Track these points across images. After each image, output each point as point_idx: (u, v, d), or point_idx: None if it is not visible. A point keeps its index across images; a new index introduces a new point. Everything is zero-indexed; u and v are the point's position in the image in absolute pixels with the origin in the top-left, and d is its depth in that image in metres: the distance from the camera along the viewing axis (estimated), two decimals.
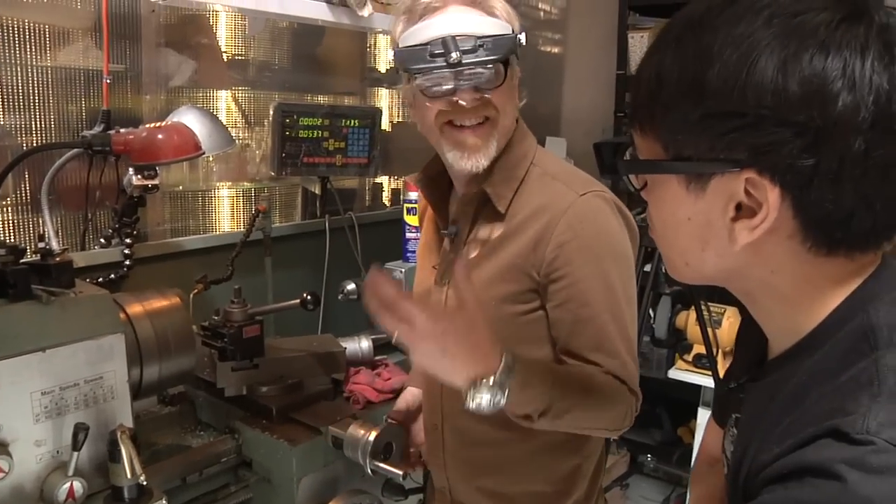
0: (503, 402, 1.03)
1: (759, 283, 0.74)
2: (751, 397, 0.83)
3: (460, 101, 1.25)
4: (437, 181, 1.43)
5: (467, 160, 1.29)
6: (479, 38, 1.22)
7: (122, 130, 1.75)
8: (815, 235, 0.67)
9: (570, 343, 1.29)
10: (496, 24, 1.27)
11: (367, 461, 1.52)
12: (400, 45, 1.28)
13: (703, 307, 2.77)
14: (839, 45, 0.62)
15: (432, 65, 1.22)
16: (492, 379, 1.02)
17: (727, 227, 0.69)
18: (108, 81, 1.86)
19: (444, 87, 1.25)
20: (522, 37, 1.27)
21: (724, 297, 2.97)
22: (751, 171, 0.65)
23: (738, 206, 0.68)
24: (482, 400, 1.02)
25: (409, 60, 1.25)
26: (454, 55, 1.20)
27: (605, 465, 1.51)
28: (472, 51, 1.22)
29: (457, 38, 1.22)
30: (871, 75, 0.62)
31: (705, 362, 2.82)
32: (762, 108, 0.63)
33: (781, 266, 0.71)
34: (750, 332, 0.90)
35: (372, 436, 1.53)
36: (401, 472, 1.51)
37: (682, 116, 0.68)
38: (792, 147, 0.63)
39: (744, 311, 0.96)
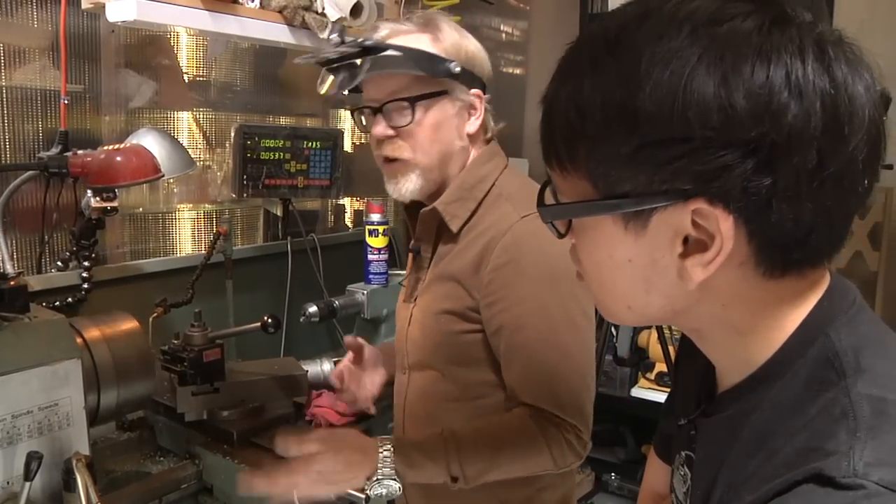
0: (396, 487, 1.18)
1: (708, 318, 0.68)
2: (705, 434, 0.76)
3: (374, 133, 1.34)
4: (416, 202, 1.45)
5: (392, 190, 1.38)
6: (392, 45, 1.28)
7: (79, 152, 1.73)
8: (770, 258, 0.62)
9: (504, 372, 1.30)
10: (433, 49, 1.31)
11: None
12: None
13: (663, 326, 2.80)
14: (778, 51, 0.57)
15: (321, 49, 1.34)
16: (377, 474, 1.17)
17: (675, 266, 0.63)
18: (66, 102, 1.84)
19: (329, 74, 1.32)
20: (452, 65, 1.29)
21: None
22: (699, 200, 0.59)
23: (685, 240, 0.62)
24: (381, 491, 1.18)
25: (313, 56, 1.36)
26: (335, 36, 1.31)
27: (574, 494, 1.51)
28: (355, 41, 1.28)
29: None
30: (814, 79, 0.57)
31: (668, 380, 2.85)
32: (708, 129, 0.57)
33: (733, 297, 0.65)
34: (692, 361, 0.84)
35: None
36: (363, 496, 1.50)
37: (613, 149, 0.61)
38: (744, 169, 0.57)
39: (683, 339, 0.93)
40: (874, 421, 0.58)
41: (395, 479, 1.17)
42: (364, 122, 1.40)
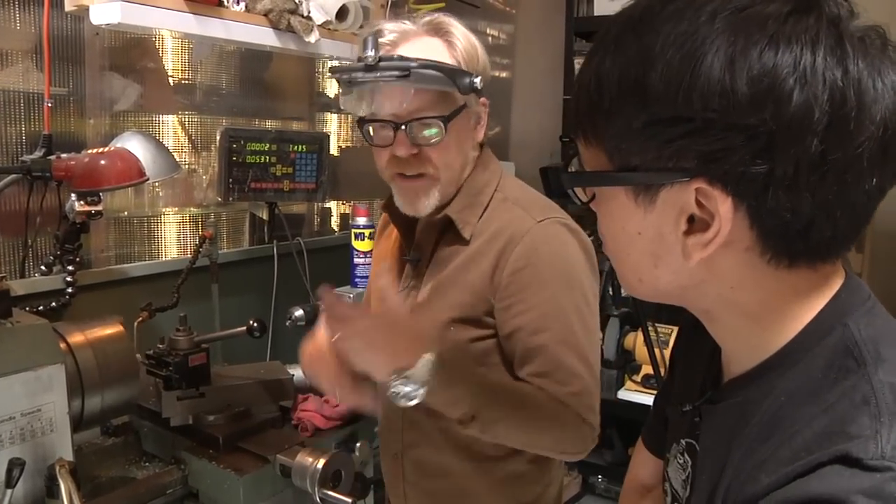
0: (421, 394, 1.03)
1: (718, 299, 0.69)
2: (711, 421, 0.77)
3: (396, 153, 1.26)
4: None
5: (409, 208, 1.33)
6: (417, 60, 1.20)
7: (63, 156, 1.72)
8: (775, 246, 0.63)
9: (520, 372, 1.28)
10: (451, 58, 1.27)
11: (316, 489, 1.51)
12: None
13: (650, 328, 2.81)
14: (789, 39, 0.58)
15: (350, 66, 1.22)
16: (409, 372, 1.02)
17: (680, 242, 0.65)
18: (50, 105, 1.83)
19: (359, 93, 1.21)
20: (478, 80, 1.24)
21: (671, 317, 3.02)
22: (700, 180, 0.61)
23: (691, 219, 0.64)
24: (399, 390, 1.03)
25: (336, 69, 1.25)
26: (370, 53, 1.18)
27: (562, 490, 1.52)
28: (393, 60, 1.19)
29: (394, 57, 1.21)
30: (824, 70, 0.57)
31: (654, 382, 2.86)
32: (709, 111, 0.58)
33: (741, 281, 0.66)
34: (692, 349, 0.86)
35: (320, 463, 1.52)
36: (350, 500, 1.50)
37: (626, 123, 0.63)
38: (743, 153, 0.58)
39: (682, 328, 0.94)
40: None
41: (423, 385, 1.03)
42: (372, 135, 1.30)
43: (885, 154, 0.60)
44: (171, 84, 2.39)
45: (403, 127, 1.24)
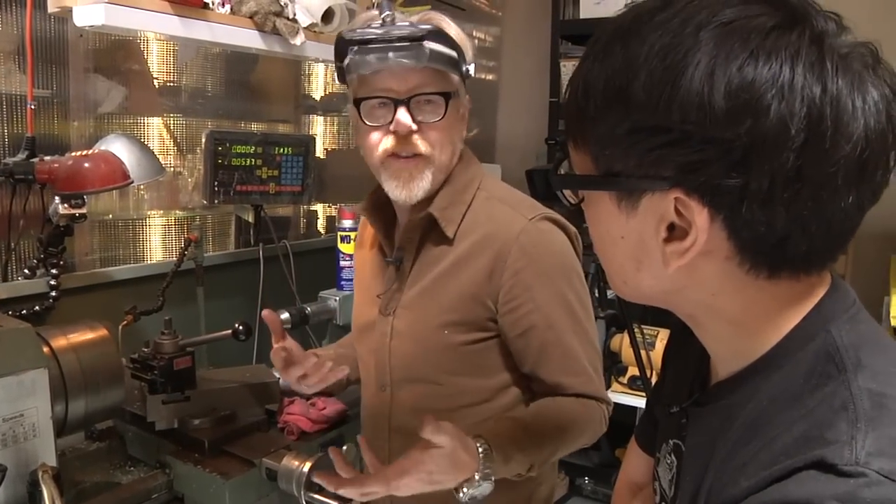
0: (489, 485, 1.11)
1: (700, 305, 0.70)
2: (696, 423, 0.78)
3: (395, 129, 1.26)
4: (383, 209, 1.43)
5: (402, 190, 1.30)
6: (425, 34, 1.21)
7: (46, 158, 1.71)
8: (753, 258, 0.64)
9: (537, 369, 1.32)
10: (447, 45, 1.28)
11: (302, 493, 1.50)
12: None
13: (636, 329, 2.81)
14: (769, 54, 0.58)
15: (364, 28, 1.22)
16: (477, 476, 1.10)
17: (660, 249, 0.66)
18: (33, 107, 1.81)
19: (372, 64, 1.22)
20: (471, 67, 1.28)
21: (657, 319, 3.03)
22: (678, 190, 0.62)
23: (672, 227, 0.64)
24: (475, 493, 1.10)
25: (341, 44, 1.25)
26: (387, 11, 1.20)
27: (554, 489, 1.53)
28: (406, 25, 1.21)
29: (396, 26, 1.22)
30: (803, 87, 0.57)
31: (640, 384, 2.86)
32: (687, 123, 0.59)
33: (722, 289, 0.67)
34: (683, 352, 0.87)
35: (306, 467, 1.51)
36: None
37: (609, 129, 0.64)
38: (718, 166, 0.59)
39: (674, 331, 0.95)
40: (874, 413, 0.60)
41: (490, 480, 1.11)
42: (367, 115, 1.29)
43: (862, 172, 0.60)
44: (156, 86, 2.38)
45: (404, 103, 1.25)
